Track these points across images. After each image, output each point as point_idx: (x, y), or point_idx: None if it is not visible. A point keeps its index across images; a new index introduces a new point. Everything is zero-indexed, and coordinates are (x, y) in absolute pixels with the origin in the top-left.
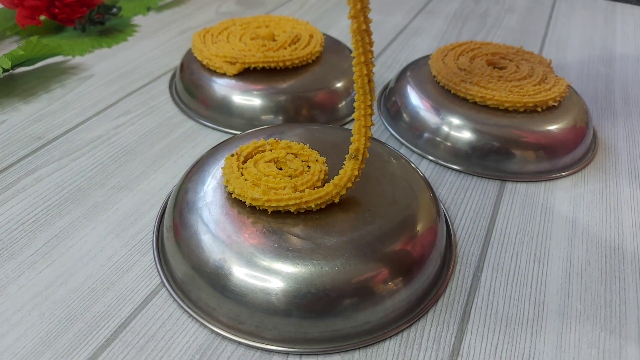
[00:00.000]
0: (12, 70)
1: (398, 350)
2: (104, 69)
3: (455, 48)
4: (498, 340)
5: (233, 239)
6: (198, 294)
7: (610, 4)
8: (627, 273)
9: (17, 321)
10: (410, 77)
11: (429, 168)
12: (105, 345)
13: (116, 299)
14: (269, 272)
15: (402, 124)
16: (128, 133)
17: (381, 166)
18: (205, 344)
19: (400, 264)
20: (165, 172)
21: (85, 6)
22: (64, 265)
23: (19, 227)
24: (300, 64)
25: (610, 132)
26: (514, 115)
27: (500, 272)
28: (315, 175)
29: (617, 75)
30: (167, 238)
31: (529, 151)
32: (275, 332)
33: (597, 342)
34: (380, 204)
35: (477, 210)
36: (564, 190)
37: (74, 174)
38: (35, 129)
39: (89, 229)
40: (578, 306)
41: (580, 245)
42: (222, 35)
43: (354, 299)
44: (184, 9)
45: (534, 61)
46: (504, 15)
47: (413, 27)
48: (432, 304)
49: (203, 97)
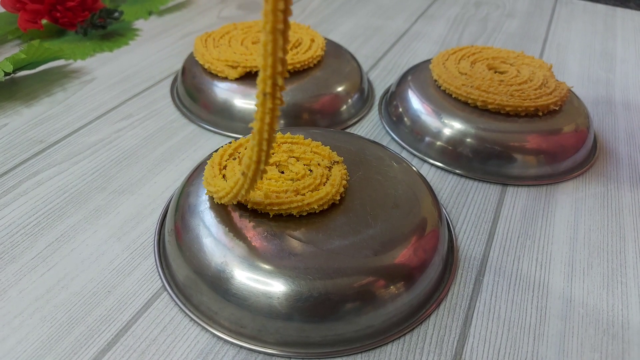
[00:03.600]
0: (14, 74)
1: (400, 354)
2: (106, 73)
3: (456, 52)
4: (500, 344)
5: (235, 243)
6: (199, 298)
7: (610, 8)
8: (629, 277)
9: (18, 325)
10: (411, 82)
11: (431, 172)
12: (107, 349)
13: (117, 302)
14: (270, 275)
15: (403, 128)
16: (129, 137)
17: (383, 170)
18: (207, 348)
19: (402, 268)
20: (166, 175)
21: (87, 10)
22: (65, 268)
23: (20, 230)
24: (302, 68)
25: (611, 136)
26: (515, 119)
27: (502, 276)
28: (317, 178)
29: (618, 80)
30: (169, 242)
31: (530, 155)
32: (277, 336)
33: (600, 347)
34: (382, 208)
35: (479, 214)
36: (566, 195)
37: (75, 177)
38: (36, 132)
39: (90, 232)
40: (580, 310)
41: (582, 249)
42: (224, 39)
43: (356, 302)
44: (185, 13)
45: (534, 65)
46: (504, 20)
47: (414, 31)
48: (434, 308)
49: (204, 101)
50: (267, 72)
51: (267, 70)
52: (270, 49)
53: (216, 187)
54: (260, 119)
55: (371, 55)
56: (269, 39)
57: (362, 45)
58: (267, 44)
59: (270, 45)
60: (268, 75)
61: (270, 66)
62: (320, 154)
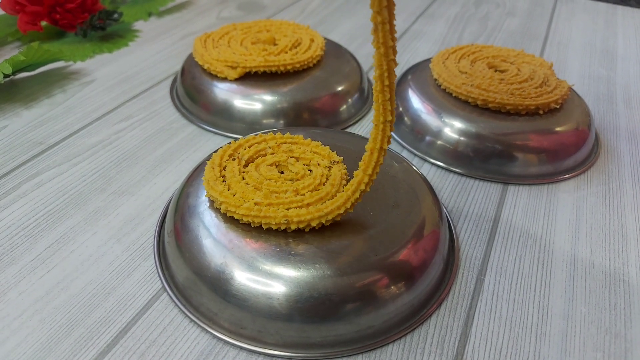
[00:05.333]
0: (13, 76)
1: (401, 355)
2: (105, 74)
3: (456, 51)
4: (502, 344)
5: (234, 244)
6: (199, 299)
7: (610, 6)
8: (631, 276)
9: (17, 327)
10: (411, 81)
11: (431, 171)
12: (106, 350)
13: (117, 304)
14: (270, 276)
15: (403, 127)
16: (129, 138)
17: (383, 169)
18: (207, 349)
19: (403, 267)
20: (166, 176)
21: (87, 12)
22: (64, 270)
23: (19, 232)
24: (301, 68)
25: (612, 135)
26: (516, 118)
27: (503, 276)
28: (317, 178)
29: (619, 78)
30: (169, 243)
31: (531, 154)
32: (278, 337)
33: (602, 346)
34: (382, 208)
35: (480, 213)
36: (567, 193)
37: (75, 179)
38: (36, 134)
39: (90, 234)
40: (582, 309)
41: (584, 248)
42: (223, 39)
43: (357, 303)
44: (184, 14)
45: (535, 64)
46: (504, 18)
47: (414, 30)
48: (435, 308)
49: (204, 102)
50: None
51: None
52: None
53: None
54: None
55: (371, 54)
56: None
57: (361, 45)
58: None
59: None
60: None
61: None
62: (320, 154)
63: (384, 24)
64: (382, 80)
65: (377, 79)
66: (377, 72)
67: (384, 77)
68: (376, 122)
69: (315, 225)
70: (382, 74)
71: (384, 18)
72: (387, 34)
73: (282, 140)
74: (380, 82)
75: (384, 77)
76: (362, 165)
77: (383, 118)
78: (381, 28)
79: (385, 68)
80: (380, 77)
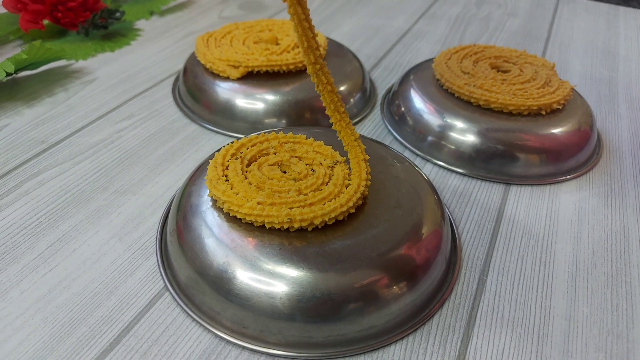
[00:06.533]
0: (15, 74)
1: (403, 354)
2: (107, 73)
3: (458, 51)
4: (504, 344)
5: (237, 243)
6: (202, 298)
7: (612, 7)
8: (633, 277)
9: (19, 325)
10: (413, 81)
11: (433, 171)
12: (109, 349)
13: (119, 303)
14: (273, 275)
15: (405, 127)
16: (131, 137)
17: (385, 169)
18: (209, 349)
19: (405, 267)
20: (168, 175)
21: (89, 10)
22: (66, 269)
23: (21, 230)
24: (304, 67)
25: (614, 135)
26: (518, 118)
27: (505, 276)
28: (320, 178)
29: (621, 78)
30: (171, 242)
31: (533, 154)
32: (280, 337)
33: (604, 347)
34: (384, 208)
35: (482, 213)
36: (569, 194)
37: (77, 177)
38: (38, 132)
39: (92, 232)
40: (584, 310)
41: (586, 248)
42: (226, 39)
43: (359, 303)
44: (186, 14)
45: (537, 64)
46: (506, 18)
47: (415, 30)
48: (437, 308)
49: (206, 101)
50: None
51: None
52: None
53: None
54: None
55: (373, 54)
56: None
57: (363, 44)
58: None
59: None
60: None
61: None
62: (323, 154)
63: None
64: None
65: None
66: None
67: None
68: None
69: (319, 224)
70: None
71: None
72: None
73: (284, 140)
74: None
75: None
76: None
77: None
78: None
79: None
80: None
